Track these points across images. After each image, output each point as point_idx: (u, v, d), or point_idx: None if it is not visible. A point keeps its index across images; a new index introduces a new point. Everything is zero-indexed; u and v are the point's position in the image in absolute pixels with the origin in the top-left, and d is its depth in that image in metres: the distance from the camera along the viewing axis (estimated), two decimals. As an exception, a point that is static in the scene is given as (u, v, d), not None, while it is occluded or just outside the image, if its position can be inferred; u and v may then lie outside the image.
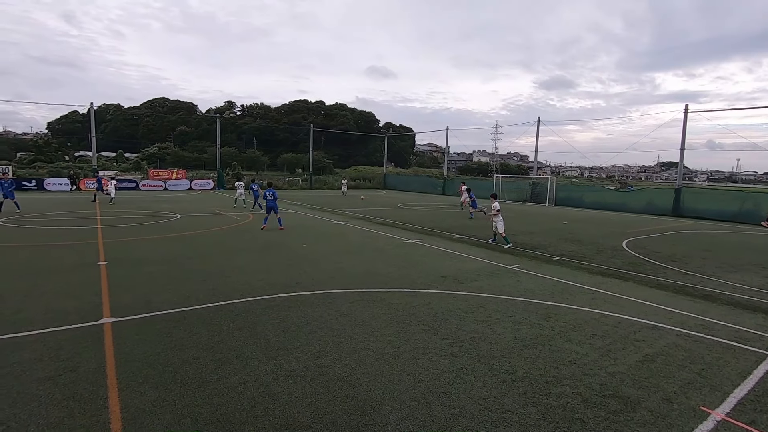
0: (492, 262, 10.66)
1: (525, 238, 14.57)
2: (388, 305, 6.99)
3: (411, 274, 9.15)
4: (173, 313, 6.35)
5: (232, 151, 65.82)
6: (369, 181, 53.12)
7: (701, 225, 21.01)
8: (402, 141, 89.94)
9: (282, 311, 6.55)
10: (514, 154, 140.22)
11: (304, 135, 58.40)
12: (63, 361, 4.73)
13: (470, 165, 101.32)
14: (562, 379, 4.64)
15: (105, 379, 4.35)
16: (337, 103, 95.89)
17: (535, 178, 37.73)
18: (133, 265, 9.41)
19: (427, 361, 4.97)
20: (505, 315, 6.70)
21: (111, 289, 7.50)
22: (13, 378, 4.33)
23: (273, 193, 15.68)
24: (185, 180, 39.86)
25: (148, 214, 19.07)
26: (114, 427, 3.58)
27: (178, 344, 5.25)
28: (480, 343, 5.54)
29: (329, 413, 3.88)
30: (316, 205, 26.25)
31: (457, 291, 7.97)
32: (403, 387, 4.38)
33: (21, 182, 32.74)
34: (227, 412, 3.84)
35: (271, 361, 4.86)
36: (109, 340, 5.31)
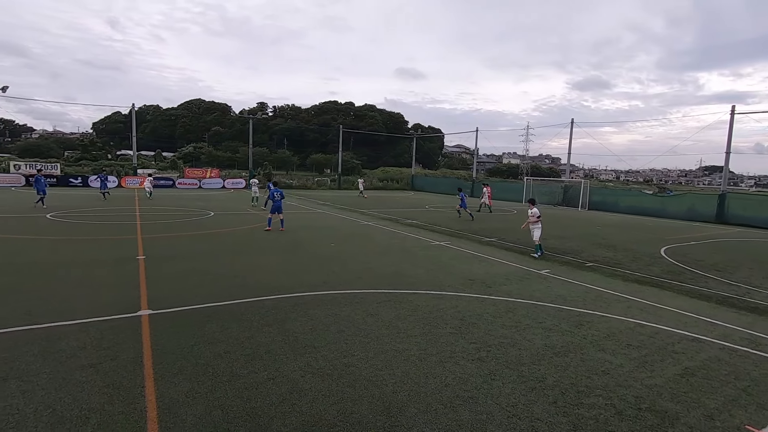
0: (522, 267, 10.44)
1: (556, 243, 14.19)
2: (415, 307, 6.96)
3: (438, 277, 9.08)
4: (206, 308, 6.55)
5: (264, 151, 67.35)
6: (396, 182, 53.10)
7: (748, 233, 19.86)
8: (430, 142, 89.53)
9: (310, 309, 6.64)
10: (545, 157, 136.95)
11: (334, 136, 59.09)
12: (104, 349, 4.97)
13: (500, 167, 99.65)
14: (594, 390, 4.49)
15: (142, 369, 4.54)
16: (367, 104, 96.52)
17: (567, 181, 36.72)
18: (169, 260, 9.77)
19: (454, 365, 4.92)
20: (534, 321, 6.54)
21: (148, 282, 7.81)
22: (59, 364, 4.58)
23: (281, 194, 15.15)
24: (218, 179, 41.09)
25: (184, 212, 19.77)
26: (150, 415, 3.73)
27: (210, 338, 5.41)
28: (508, 349, 5.43)
29: (355, 413, 3.90)
30: (344, 205, 26.48)
31: (486, 295, 7.85)
32: (430, 390, 4.35)
33: (68, 179, 34.69)
34: (256, 407, 3.92)
35: (299, 358, 4.94)
36: (146, 332, 5.53)
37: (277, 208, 14.87)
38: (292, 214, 20.62)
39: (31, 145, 68.87)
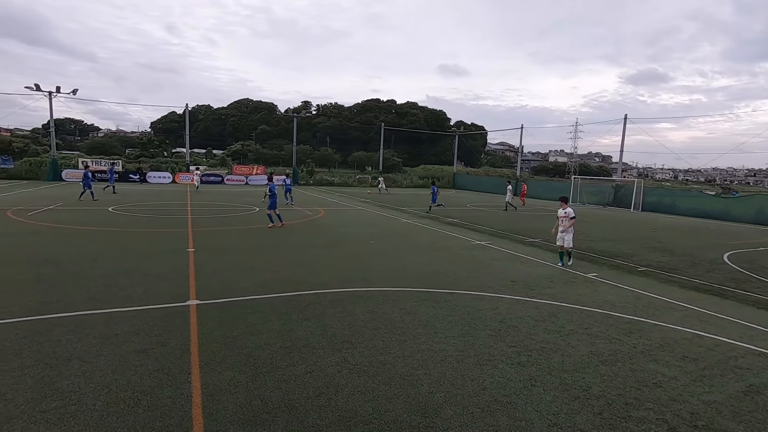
0: (567, 269, 10.02)
1: (605, 246, 13.50)
2: (453, 307, 6.86)
3: (478, 277, 8.90)
4: (249, 300, 6.79)
5: (307, 148, 68.89)
6: (438, 180, 52.52)
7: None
8: (473, 140, 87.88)
9: (348, 305, 6.71)
10: (595, 154, 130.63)
11: (375, 133, 59.42)
12: (155, 336, 5.27)
13: (545, 165, 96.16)
14: (644, 403, 4.22)
15: (189, 356, 4.77)
16: (408, 102, 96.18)
17: (619, 181, 34.84)
18: (217, 253, 10.22)
19: (493, 368, 4.79)
20: (579, 326, 6.25)
21: (197, 273, 8.20)
22: (115, 347, 4.91)
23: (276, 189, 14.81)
24: (264, 175, 42.49)
25: (231, 207, 20.62)
26: (195, 400, 3.91)
27: (252, 329, 5.60)
28: (551, 355, 5.22)
29: (390, 411, 3.89)
30: (384, 202, 26.57)
31: (528, 297, 7.60)
32: (466, 392, 4.26)
33: (128, 174, 37.21)
34: (293, 399, 4.01)
35: (336, 354, 5.00)
36: (194, 321, 5.81)
37: (275, 204, 14.52)
38: (333, 211, 20.97)
39: (97, 144, 74.35)
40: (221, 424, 3.58)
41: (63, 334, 5.19)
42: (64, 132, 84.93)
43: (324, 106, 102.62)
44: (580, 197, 33.68)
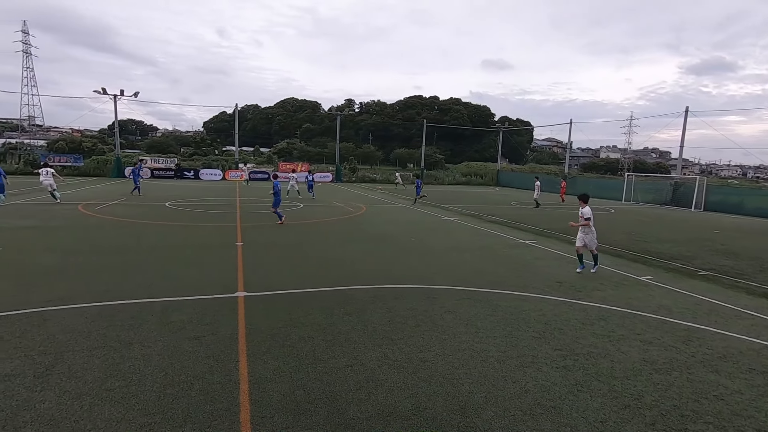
0: (618, 271, 9.52)
1: (661, 247, 12.70)
2: (495, 307, 6.73)
3: (522, 277, 8.66)
4: (293, 293, 7.00)
5: (350, 146, 69.73)
6: (480, 177, 51.57)
7: None
8: (518, 136, 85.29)
9: (388, 302, 6.75)
10: (652, 150, 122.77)
11: (418, 130, 59.14)
12: (207, 324, 5.57)
13: (596, 162, 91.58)
14: (703, 416, 3.95)
15: (237, 345, 5.00)
16: (451, 98, 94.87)
17: (678, 178, 32.56)
18: (263, 247, 10.61)
19: (536, 371, 4.66)
20: (631, 332, 5.93)
21: (245, 267, 8.57)
22: (171, 334, 5.24)
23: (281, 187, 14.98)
24: (308, 172, 43.52)
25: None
26: (242, 387, 4.10)
27: (296, 322, 5.78)
28: (599, 360, 5.00)
29: (429, 408, 3.88)
30: (426, 200, 26.43)
31: (574, 299, 7.30)
32: (508, 394, 4.17)
33: (183, 171, 39.41)
34: (334, 391, 4.10)
35: (376, 349, 5.05)
36: (242, 312, 6.08)
37: (279, 201, 14.59)
38: (374, 207, 21.13)
39: (156, 143, 79.21)
40: (266, 411, 3.73)
41: (125, 319, 5.61)
42: (127, 132, 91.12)
43: (366, 103, 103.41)
44: (634, 195, 31.84)
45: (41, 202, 18.02)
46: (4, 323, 5.34)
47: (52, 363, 4.40)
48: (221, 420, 3.58)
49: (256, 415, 3.66)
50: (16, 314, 5.64)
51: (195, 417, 3.59)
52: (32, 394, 3.82)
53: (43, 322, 5.41)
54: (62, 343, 4.86)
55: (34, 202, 17.76)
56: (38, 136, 64.98)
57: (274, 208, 14.46)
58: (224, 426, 3.50)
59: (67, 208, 16.27)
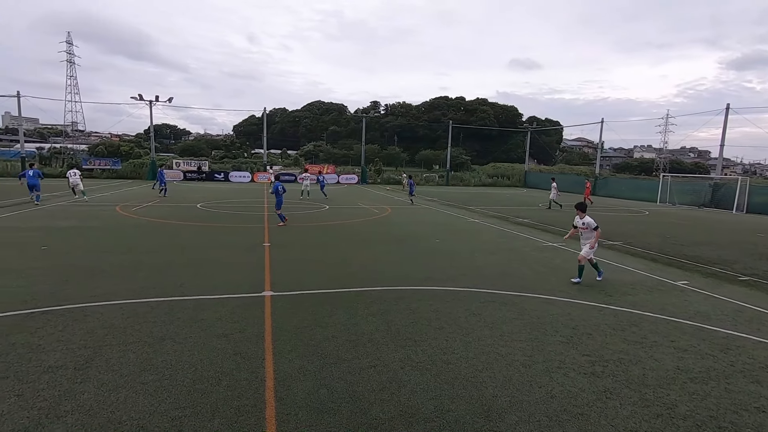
0: (652, 275, 9.18)
1: (699, 251, 12.14)
2: (521, 310, 6.61)
3: (550, 280, 8.47)
4: (318, 293, 7.10)
5: (375, 148, 70.03)
6: (507, 178, 50.76)
7: None
8: (547, 136, 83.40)
9: (412, 303, 6.75)
10: (690, 150, 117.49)
11: (443, 131, 58.79)
12: (235, 322, 5.72)
13: (629, 162, 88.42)
14: (742, 428, 3.76)
15: (263, 343, 5.12)
16: (478, 98, 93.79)
17: (717, 179, 31.05)
18: (290, 248, 10.81)
19: (563, 377, 4.55)
20: (665, 338, 5.71)
21: (272, 267, 8.75)
22: (201, 331, 5.41)
23: (283, 188, 14.71)
24: (334, 174, 44.02)
25: (303, 205, 21.63)
26: (268, 384, 4.19)
27: (320, 321, 5.86)
28: (629, 366, 4.84)
29: (452, 411, 3.86)
30: (451, 201, 26.22)
31: (604, 304, 7.09)
32: (533, 399, 4.10)
33: (213, 174, 40.61)
34: (357, 391, 4.14)
35: (399, 350, 5.06)
36: (268, 311, 6.22)
37: (281, 202, 14.49)
38: (399, 209, 21.15)
39: (188, 146, 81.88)
40: (291, 408, 3.81)
41: (159, 316, 5.84)
42: (161, 136, 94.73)
43: (392, 105, 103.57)
44: (669, 197, 30.58)
45: (82, 203, 18.97)
46: (49, 318, 5.66)
47: (91, 356, 4.63)
48: (248, 415, 3.67)
49: (281, 412, 3.74)
50: (59, 309, 5.96)
51: (223, 412, 3.71)
52: (73, 385, 4.04)
53: (83, 318, 5.70)
54: (101, 337, 5.11)
55: (76, 204, 18.71)
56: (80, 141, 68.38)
57: (278, 210, 14.40)
58: (250, 421, 3.59)
59: (106, 209, 17.06)
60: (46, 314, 5.78)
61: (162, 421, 3.54)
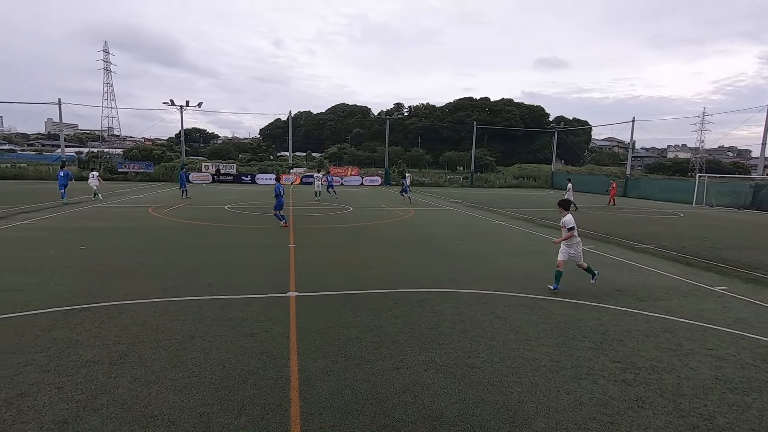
0: (687, 280, 8.80)
1: (739, 255, 11.57)
2: (548, 314, 6.46)
3: (577, 284, 8.25)
4: (342, 295, 7.15)
5: (399, 149, 70.04)
6: (534, 179, 49.79)
7: None
8: (575, 136, 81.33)
9: (436, 305, 6.70)
10: (728, 149, 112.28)
11: (467, 133, 58.25)
12: (261, 322, 5.83)
13: (663, 162, 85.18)
14: (787, 443, 3.55)
15: (288, 343, 5.19)
16: (503, 99, 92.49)
17: (759, 179, 29.50)
18: (314, 249, 10.93)
19: (592, 383, 4.42)
20: (701, 346, 5.46)
21: (297, 267, 8.87)
22: (228, 330, 5.54)
23: (283, 190, 14.77)
24: (358, 176, 44.29)
25: (328, 207, 21.86)
26: (293, 384, 4.25)
27: (344, 323, 5.90)
28: (663, 375, 4.65)
29: (477, 415, 3.81)
30: (476, 203, 25.93)
31: (636, 309, 6.84)
32: (561, 406, 3.99)
33: (240, 176, 41.57)
34: (381, 392, 4.14)
35: (423, 353, 5.04)
36: (293, 311, 6.30)
37: (281, 204, 14.38)
38: (423, 211, 21.07)
39: (217, 149, 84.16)
40: (315, 408, 3.84)
41: (188, 314, 6.01)
42: (191, 140, 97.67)
43: (416, 107, 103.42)
44: (706, 198, 29.28)
45: (118, 204, 19.77)
46: (87, 314, 5.92)
47: (125, 352, 4.81)
48: (273, 414, 3.73)
49: (305, 412, 3.78)
50: (96, 306, 6.23)
51: (249, 410, 3.78)
52: (108, 380, 4.21)
53: (118, 315, 5.93)
54: (134, 334, 5.30)
55: (112, 205, 19.51)
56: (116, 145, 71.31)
57: (276, 211, 14.23)
58: (276, 420, 3.65)
59: (139, 211, 17.72)
60: (84, 311, 6.05)
61: (191, 417, 3.64)
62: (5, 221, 13.85)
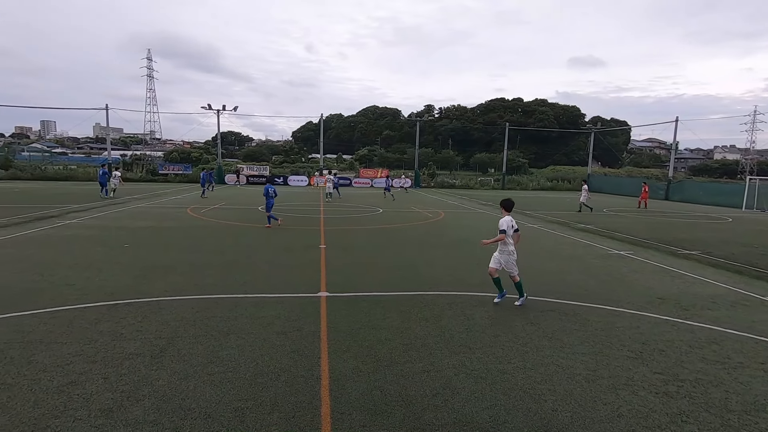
0: (736, 289, 8.30)
1: (795, 263, 10.78)
2: (583, 321, 6.26)
3: (616, 290, 7.95)
4: (372, 296, 7.19)
5: (429, 151, 69.79)
6: (568, 182, 48.32)
7: None
8: (612, 136, 78.38)
9: (467, 309, 6.62)
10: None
11: (499, 134, 57.27)
12: (292, 321, 5.94)
13: (709, 164, 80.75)
14: None
15: (319, 342, 5.27)
16: (536, 99, 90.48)
17: (819, 182, 27.44)
18: (345, 250, 11.04)
19: (631, 395, 4.24)
20: (752, 360, 5.13)
21: (327, 268, 8.99)
22: (262, 328, 5.68)
23: (274, 191, 14.91)
24: (387, 178, 44.36)
25: (358, 208, 22.03)
26: (324, 383, 4.30)
27: (374, 324, 5.92)
28: (709, 389, 4.40)
29: (509, 422, 3.73)
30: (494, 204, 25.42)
31: (679, 318, 6.51)
32: (598, 417, 3.85)
33: (273, 178, 42.49)
34: (410, 395, 4.13)
35: (453, 356, 4.99)
36: (324, 311, 6.39)
37: (271, 205, 14.52)
38: (453, 213, 20.87)
39: (251, 152, 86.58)
40: (345, 407, 3.88)
41: (224, 311, 6.21)
42: (227, 143, 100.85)
43: (447, 108, 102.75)
44: (758, 202, 27.53)
45: (158, 205, 20.68)
46: (130, 309, 6.22)
47: (165, 346, 5.02)
48: (304, 412, 3.79)
49: (336, 411, 3.82)
50: (138, 302, 6.54)
51: (281, 407, 3.86)
52: (150, 372, 4.40)
53: (158, 310, 6.20)
54: (174, 329, 5.53)
55: (154, 206, 20.43)
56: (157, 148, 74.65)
57: (268, 212, 14.38)
58: (307, 418, 3.71)
59: (179, 211, 18.47)
60: (128, 306, 6.36)
61: (226, 411, 3.76)
62: (58, 220, 14.77)
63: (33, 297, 6.63)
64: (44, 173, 40.39)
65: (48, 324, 5.59)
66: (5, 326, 5.49)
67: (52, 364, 4.52)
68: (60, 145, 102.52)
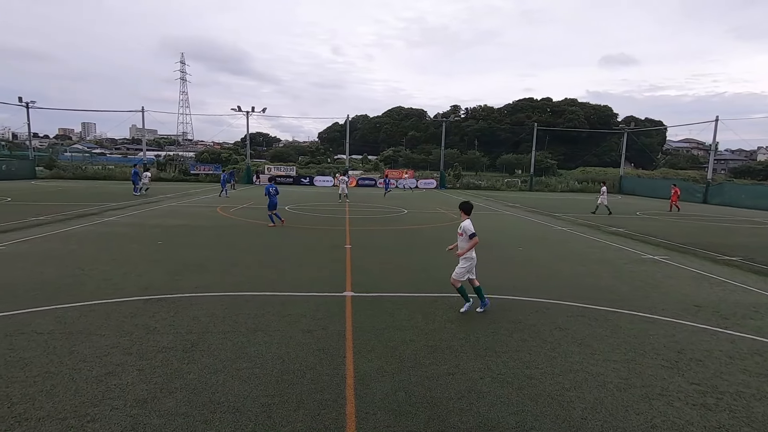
0: None
1: None
2: (615, 327, 6.06)
3: (649, 296, 7.66)
4: (397, 296, 7.19)
5: (454, 152, 69.22)
6: (600, 184, 46.84)
7: None
8: (647, 137, 75.55)
9: (493, 313, 6.53)
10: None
11: (527, 135, 56.22)
12: (318, 320, 6.02)
13: (751, 166, 76.63)
14: None
15: (344, 341, 5.31)
16: (566, 99, 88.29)
17: None
18: (370, 250, 11.09)
19: (666, 405, 4.08)
20: (800, 373, 4.84)
21: (353, 268, 9.05)
22: (288, 325, 5.78)
23: (276, 189, 14.93)
24: (413, 179, 44.30)
25: (383, 209, 22.08)
26: (348, 382, 4.34)
27: (399, 324, 5.92)
28: (752, 402, 4.18)
29: (536, 428, 3.66)
30: (535, 207, 24.94)
31: (719, 327, 6.22)
32: (630, 427, 3.72)
33: (300, 178, 43.18)
34: (435, 397, 4.11)
35: (479, 360, 4.93)
36: (349, 310, 6.44)
37: (275, 204, 14.62)
38: (478, 215, 20.60)
39: (278, 153, 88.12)
40: (370, 407, 3.89)
41: (252, 309, 6.35)
42: (255, 144, 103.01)
43: (473, 108, 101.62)
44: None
45: (190, 204, 21.34)
46: (163, 304, 6.45)
47: (196, 341, 5.18)
48: (329, 410, 3.83)
49: (360, 410, 3.84)
50: (171, 297, 6.77)
51: (307, 404, 3.91)
52: (181, 365, 4.55)
53: (190, 306, 6.40)
54: (204, 324, 5.70)
55: (186, 205, 21.10)
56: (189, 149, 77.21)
57: (270, 211, 14.51)
58: (332, 416, 3.75)
59: (209, 210, 19.01)
60: (161, 301, 6.59)
61: (254, 406, 3.84)
62: (97, 217, 15.47)
63: (74, 290, 6.97)
64: (85, 173, 42.37)
65: (87, 316, 5.86)
66: (50, 317, 5.80)
67: (91, 354, 4.74)
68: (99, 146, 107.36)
